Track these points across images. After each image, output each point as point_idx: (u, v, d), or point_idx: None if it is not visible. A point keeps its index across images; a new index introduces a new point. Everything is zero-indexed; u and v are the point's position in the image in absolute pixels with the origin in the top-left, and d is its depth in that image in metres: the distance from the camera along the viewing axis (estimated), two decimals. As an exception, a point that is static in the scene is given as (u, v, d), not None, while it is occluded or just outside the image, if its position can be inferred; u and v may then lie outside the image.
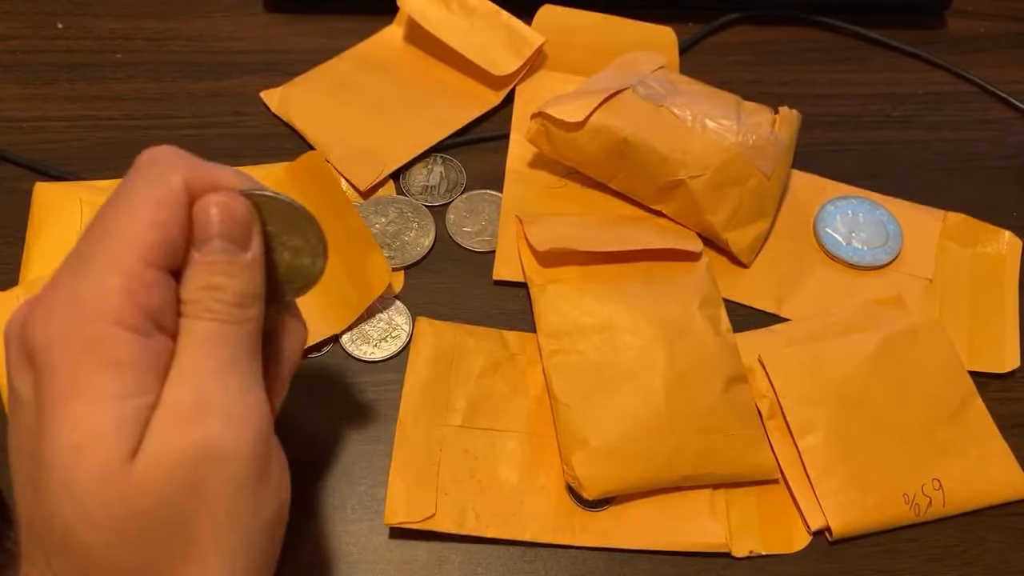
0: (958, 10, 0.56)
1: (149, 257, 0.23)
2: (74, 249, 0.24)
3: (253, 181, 0.26)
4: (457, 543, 0.34)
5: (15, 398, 0.23)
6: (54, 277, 0.23)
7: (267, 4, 0.53)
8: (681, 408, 0.35)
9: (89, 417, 0.21)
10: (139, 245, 0.23)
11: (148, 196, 0.23)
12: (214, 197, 0.24)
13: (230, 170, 0.25)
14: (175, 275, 0.24)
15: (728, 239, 0.41)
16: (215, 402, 0.23)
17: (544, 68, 0.49)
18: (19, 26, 0.51)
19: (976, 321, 0.41)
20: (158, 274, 0.23)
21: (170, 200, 0.23)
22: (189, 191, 0.24)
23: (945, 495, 0.35)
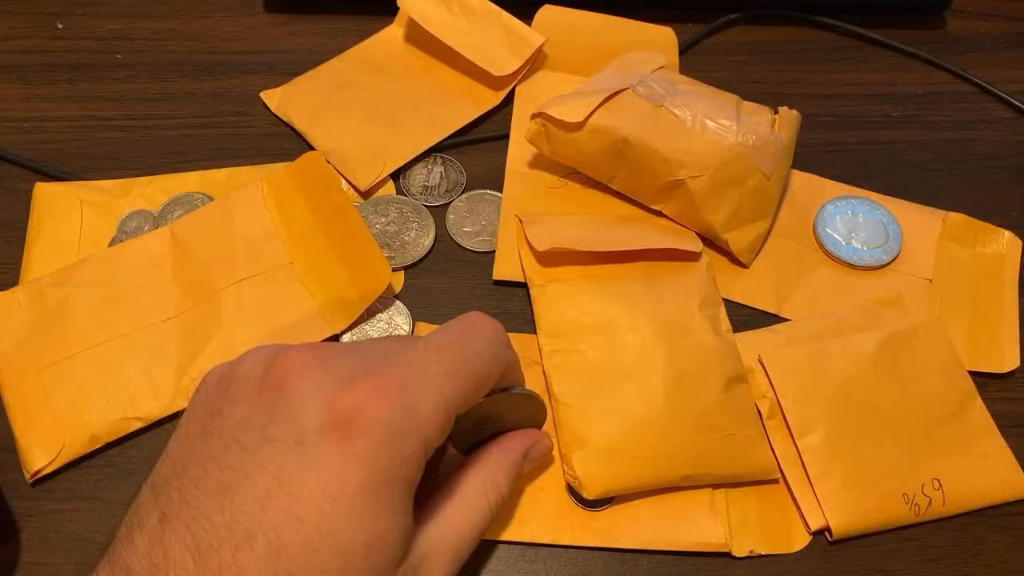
0: (958, 10, 0.56)
1: (460, 409, 0.27)
2: (396, 345, 0.28)
3: (520, 375, 0.32)
4: (457, 543, 0.34)
5: (298, 451, 0.24)
6: (380, 364, 0.26)
7: (267, 4, 0.53)
8: (681, 408, 0.35)
9: (386, 522, 0.24)
10: (464, 396, 0.27)
11: (485, 359, 0.28)
12: (546, 440, 0.34)
13: (518, 369, 0.31)
14: None
15: (728, 239, 0.41)
16: (456, 566, 0.28)
17: (544, 68, 0.49)
18: (19, 26, 0.51)
19: (976, 321, 0.41)
20: (452, 423, 0.27)
21: (493, 376, 0.29)
22: (503, 374, 0.30)
23: (945, 495, 0.35)
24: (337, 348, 0.27)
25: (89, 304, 0.38)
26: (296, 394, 0.25)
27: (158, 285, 0.39)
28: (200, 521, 0.23)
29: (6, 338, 0.37)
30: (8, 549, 0.33)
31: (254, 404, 0.25)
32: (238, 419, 0.25)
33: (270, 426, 0.24)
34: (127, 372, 0.36)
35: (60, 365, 0.36)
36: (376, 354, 0.27)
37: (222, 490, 0.24)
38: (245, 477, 0.24)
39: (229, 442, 0.25)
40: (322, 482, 0.23)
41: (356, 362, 0.26)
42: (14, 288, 0.39)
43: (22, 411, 0.35)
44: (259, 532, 0.23)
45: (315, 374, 0.25)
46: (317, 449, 0.24)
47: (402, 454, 0.25)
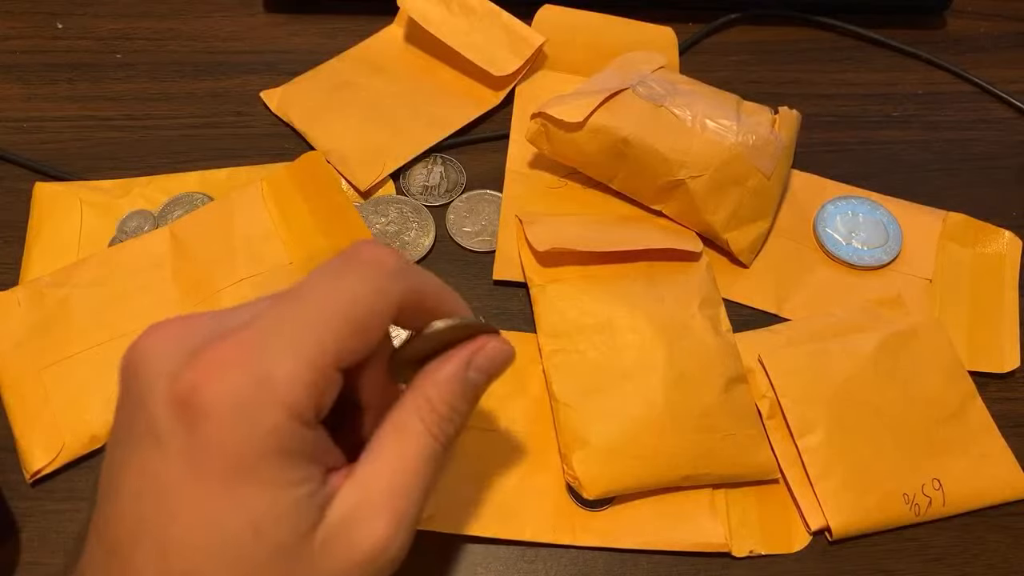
0: (958, 10, 0.56)
1: (342, 360, 0.23)
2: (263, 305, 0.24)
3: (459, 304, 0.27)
4: (457, 543, 0.34)
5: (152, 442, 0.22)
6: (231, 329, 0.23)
7: (267, 4, 0.53)
8: (681, 408, 0.35)
9: (266, 500, 0.22)
10: (337, 346, 0.23)
11: (361, 297, 0.24)
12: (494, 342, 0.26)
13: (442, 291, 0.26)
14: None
15: (728, 239, 0.41)
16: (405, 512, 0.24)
17: (544, 68, 0.49)
18: (19, 26, 0.51)
19: (976, 321, 0.41)
20: (339, 375, 0.23)
21: (382, 312, 0.24)
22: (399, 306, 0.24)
23: (945, 495, 0.35)
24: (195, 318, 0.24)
25: (89, 304, 0.38)
26: (145, 380, 0.23)
27: (158, 285, 0.39)
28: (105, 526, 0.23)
29: (6, 338, 0.37)
30: (8, 549, 0.33)
31: (122, 398, 0.24)
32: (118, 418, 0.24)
33: (133, 418, 0.23)
34: (127, 372, 0.36)
35: (60, 365, 0.36)
36: (234, 318, 0.24)
37: (112, 492, 0.23)
38: (123, 476, 0.23)
39: (113, 442, 0.24)
40: (182, 473, 0.22)
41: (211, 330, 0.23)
42: (14, 288, 0.38)
43: (22, 411, 0.35)
44: (143, 533, 0.22)
45: (160, 352, 0.23)
46: (169, 439, 0.22)
47: (261, 427, 0.22)
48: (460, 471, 0.35)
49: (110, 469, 0.23)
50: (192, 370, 0.22)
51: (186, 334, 0.23)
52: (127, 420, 0.23)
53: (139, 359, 0.23)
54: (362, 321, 0.23)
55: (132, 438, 0.23)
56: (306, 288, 0.24)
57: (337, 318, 0.23)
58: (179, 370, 0.22)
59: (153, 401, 0.22)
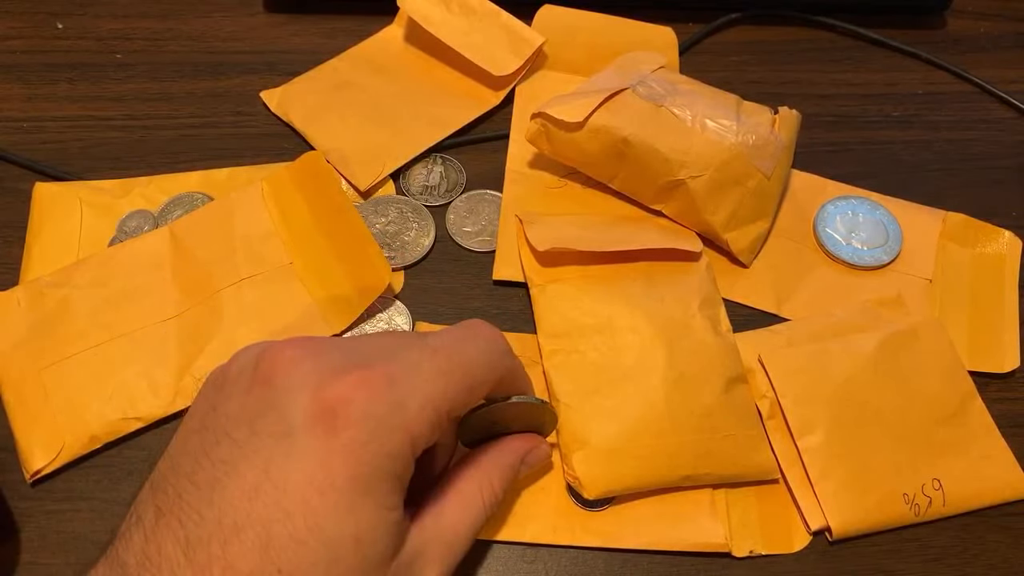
0: (958, 10, 0.56)
1: (454, 410, 0.27)
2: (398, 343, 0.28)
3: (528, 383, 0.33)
4: (457, 543, 0.34)
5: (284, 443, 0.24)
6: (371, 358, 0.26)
7: (267, 4, 0.53)
8: (681, 408, 0.35)
9: (374, 516, 0.24)
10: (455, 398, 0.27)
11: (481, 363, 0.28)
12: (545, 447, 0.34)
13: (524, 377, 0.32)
14: None
15: (728, 239, 0.41)
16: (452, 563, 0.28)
17: (544, 68, 0.49)
18: (19, 26, 0.51)
19: (976, 321, 0.41)
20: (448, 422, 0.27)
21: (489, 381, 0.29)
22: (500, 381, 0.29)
23: (945, 495, 0.35)
24: (328, 342, 0.27)
25: (89, 304, 0.38)
26: (284, 387, 0.25)
27: (158, 285, 0.39)
28: (191, 515, 0.23)
29: (6, 338, 0.37)
30: (8, 549, 0.33)
31: (244, 398, 0.25)
32: (229, 414, 0.25)
33: (259, 419, 0.25)
34: (127, 372, 0.36)
35: (60, 365, 0.36)
36: (367, 348, 0.27)
37: (212, 484, 0.24)
38: (234, 470, 0.24)
39: (221, 436, 0.25)
40: (308, 474, 0.23)
41: (346, 355, 0.26)
42: (14, 288, 0.38)
43: (22, 411, 0.35)
44: (247, 525, 0.23)
45: (303, 367, 0.25)
46: (303, 441, 0.24)
47: (389, 448, 0.25)
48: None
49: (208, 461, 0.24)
50: (341, 384, 0.25)
51: (322, 354, 0.26)
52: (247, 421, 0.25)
53: (273, 368, 0.25)
54: (474, 384, 0.28)
55: (254, 438, 0.24)
56: (438, 343, 0.28)
57: (459, 376, 0.27)
58: (324, 383, 0.25)
59: (294, 406, 0.24)
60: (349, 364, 0.26)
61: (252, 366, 0.26)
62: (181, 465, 0.25)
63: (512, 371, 0.30)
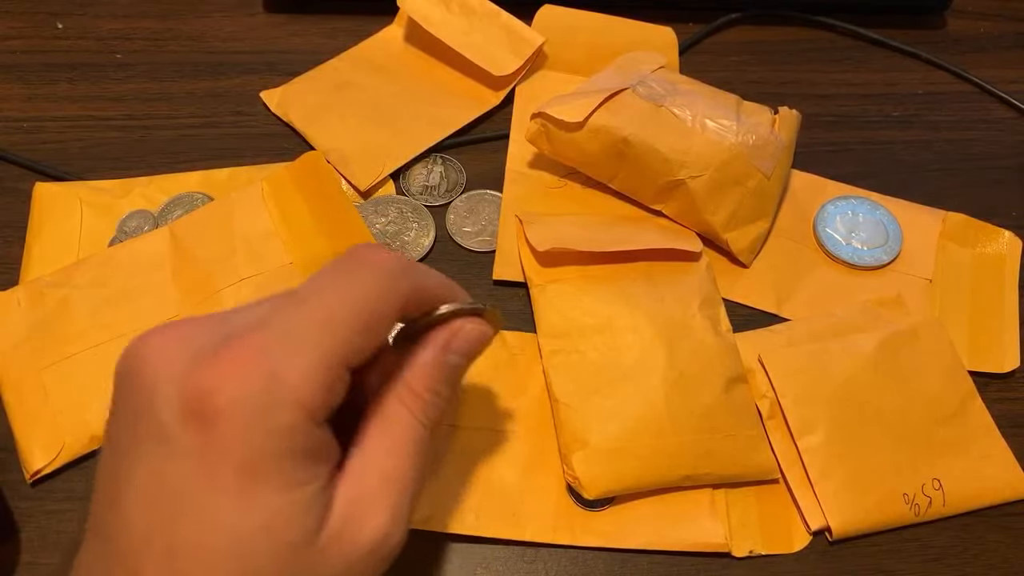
0: (958, 10, 0.56)
1: (351, 359, 0.24)
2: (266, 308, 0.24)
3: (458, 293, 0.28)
4: (457, 543, 0.34)
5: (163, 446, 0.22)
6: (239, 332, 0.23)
7: (267, 4, 0.53)
8: (681, 408, 0.35)
9: (277, 500, 0.22)
10: (347, 346, 0.23)
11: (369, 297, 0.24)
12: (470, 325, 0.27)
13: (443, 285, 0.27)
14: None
15: (728, 239, 0.41)
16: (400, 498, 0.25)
17: (544, 68, 0.49)
18: (19, 26, 0.51)
19: (976, 321, 0.41)
20: (348, 374, 0.24)
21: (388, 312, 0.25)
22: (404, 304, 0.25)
23: (945, 495, 0.35)
24: (198, 322, 0.25)
25: (89, 304, 0.38)
26: (151, 385, 0.23)
27: (158, 285, 0.39)
28: (107, 531, 0.23)
29: (6, 338, 0.37)
30: (8, 549, 0.33)
31: (122, 402, 0.23)
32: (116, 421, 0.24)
33: (136, 424, 0.23)
34: (127, 372, 0.36)
35: (60, 365, 0.36)
36: (238, 320, 0.24)
37: (115, 499, 0.23)
38: (128, 482, 0.22)
39: (114, 448, 0.24)
40: (194, 476, 0.22)
41: (214, 334, 0.23)
42: (14, 288, 0.38)
43: (22, 411, 0.35)
44: (152, 536, 0.22)
45: (168, 359, 0.23)
46: (180, 442, 0.22)
47: (275, 427, 0.22)
48: (460, 471, 0.35)
49: (109, 476, 0.23)
50: (204, 372, 0.22)
51: (188, 338, 0.23)
52: (128, 426, 0.23)
53: (140, 364, 0.23)
54: (369, 321, 0.24)
55: (137, 444, 0.23)
56: (312, 290, 0.24)
57: (345, 319, 0.24)
58: (188, 373, 0.22)
59: (161, 405, 0.22)
60: (216, 344, 0.23)
61: (124, 366, 0.24)
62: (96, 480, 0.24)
63: (423, 288, 0.26)
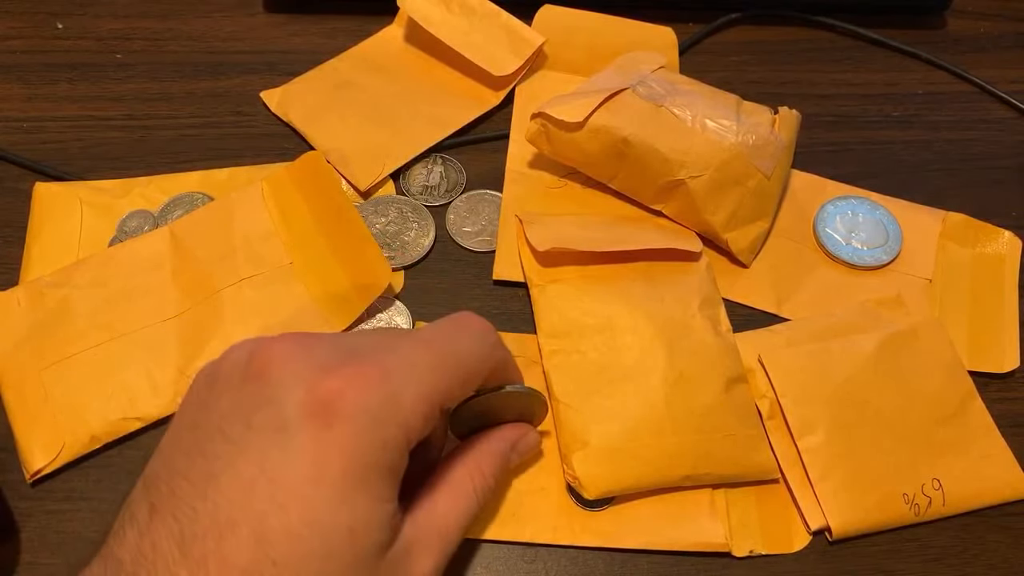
0: (958, 10, 0.56)
1: (446, 402, 0.27)
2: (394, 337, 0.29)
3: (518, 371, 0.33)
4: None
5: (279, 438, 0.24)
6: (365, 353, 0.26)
7: (267, 4, 0.53)
8: (681, 408, 0.35)
9: (368, 507, 0.24)
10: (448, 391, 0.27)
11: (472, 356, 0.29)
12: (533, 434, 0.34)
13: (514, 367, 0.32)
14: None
15: (728, 239, 0.41)
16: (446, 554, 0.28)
17: (544, 68, 0.49)
18: (19, 26, 0.51)
19: (976, 321, 0.41)
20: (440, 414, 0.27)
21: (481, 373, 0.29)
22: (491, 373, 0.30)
23: (945, 495, 0.35)
24: (320, 337, 0.27)
25: (89, 304, 0.38)
26: (277, 382, 0.25)
27: (158, 285, 0.39)
28: (185, 511, 0.23)
29: (6, 338, 0.37)
30: (8, 549, 0.33)
31: (237, 394, 0.25)
32: (222, 410, 0.25)
33: (252, 414, 0.25)
34: (127, 372, 0.36)
35: (60, 365, 0.36)
36: (360, 343, 0.27)
37: (206, 479, 0.24)
38: (229, 465, 0.24)
39: (214, 432, 0.25)
40: (303, 468, 0.24)
41: (338, 350, 0.26)
42: (14, 288, 0.38)
43: (22, 411, 0.35)
44: (242, 519, 0.23)
45: (297, 362, 0.25)
46: (298, 435, 0.24)
47: (383, 441, 0.25)
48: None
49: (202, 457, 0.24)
50: (334, 377, 0.25)
51: (313, 349, 0.26)
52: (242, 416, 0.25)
53: (266, 363, 0.25)
54: (467, 376, 0.28)
55: (250, 434, 0.24)
56: (430, 337, 0.28)
57: (452, 369, 0.27)
58: (318, 377, 0.25)
59: (286, 401, 0.24)
60: (342, 358, 0.26)
61: (244, 362, 0.26)
62: (174, 462, 0.25)
63: (502, 363, 0.31)
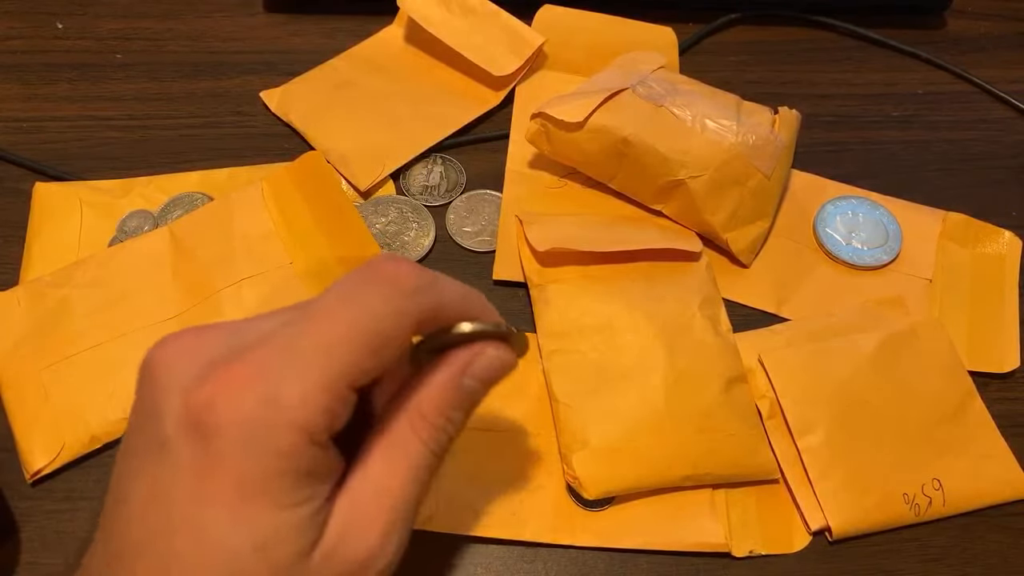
0: (958, 10, 0.56)
1: (356, 380, 0.23)
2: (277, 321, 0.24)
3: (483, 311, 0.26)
4: (457, 543, 0.34)
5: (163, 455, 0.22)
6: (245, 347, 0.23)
7: (267, 4, 0.53)
8: (681, 408, 0.35)
9: (272, 520, 0.22)
10: (352, 368, 0.22)
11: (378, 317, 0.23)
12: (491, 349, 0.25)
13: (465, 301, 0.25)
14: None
15: (728, 239, 0.41)
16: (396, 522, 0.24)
17: (544, 68, 0.49)
18: (19, 26, 0.51)
19: (976, 321, 0.41)
20: (353, 394, 0.23)
21: (398, 334, 0.23)
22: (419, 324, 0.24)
23: (945, 495, 0.35)
24: (217, 329, 0.24)
25: (89, 304, 0.38)
26: (160, 388, 0.23)
27: (158, 285, 0.39)
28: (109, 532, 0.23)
29: (6, 338, 0.37)
30: (8, 549, 0.33)
31: (138, 403, 0.24)
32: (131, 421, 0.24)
33: (145, 426, 0.23)
34: (127, 372, 0.36)
35: (60, 365, 0.36)
36: (249, 333, 0.24)
37: (119, 499, 0.23)
38: (131, 484, 0.23)
39: (124, 447, 0.24)
40: (189, 488, 0.22)
41: (229, 345, 0.23)
42: (14, 288, 0.38)
43: (22, 411, 0.35)
44: (147, 545, 0.22)
45: (181, 363, 0.23)
46: (179, 453, 0.22)
47: (271, 448, 0.22)
48: (460, 471, 0.35)
49: (121, 476, 0.23)
50: (205, 387, 0.22)
51: (202, 347, 0.23)
52: (140, 429, 0.23)
53: (154, 369, 0.23)
54: (378, 342, 0.23)
55: (144, 448, 0.23)
56: (320, 307, 0.23)
57: (352, 339, 0.22)
58: (193, 386, 0.22)
59: (165, 413, 0.22)
60: (222, 357, 0.23)
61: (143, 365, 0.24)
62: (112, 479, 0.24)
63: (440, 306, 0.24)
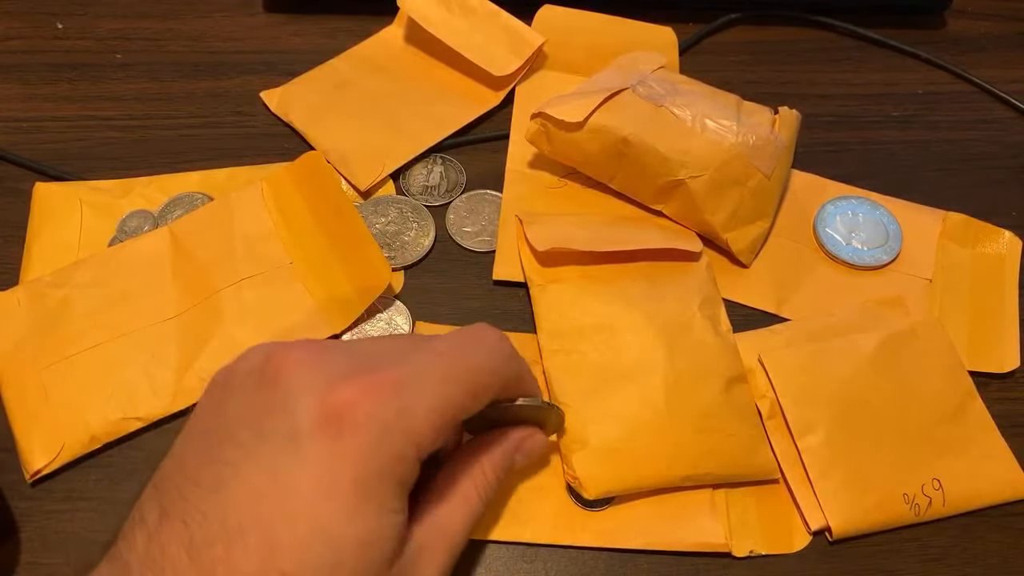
0: (958, 10, 0.56)
1: (459, 415, 0.27)
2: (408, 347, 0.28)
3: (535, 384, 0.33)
4: (457, 543, 0.34)
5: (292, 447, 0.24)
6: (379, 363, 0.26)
7: (267, 4, 0.53)
8: (681, 408, 0.35)
9: (378, 520, 0.25)
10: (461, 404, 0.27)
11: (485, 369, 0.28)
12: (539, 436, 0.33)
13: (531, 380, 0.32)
14: None
15: (728, 239, 0.41)
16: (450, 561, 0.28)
17: (544, 68, 0.49)
18: (19, 26, 0.51)
19: (976, 321, 0.41)
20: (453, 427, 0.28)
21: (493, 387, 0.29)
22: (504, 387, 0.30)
23: (945, 495, 0.35)
24: (335, 345, 0.28)
25: (89, 304, 0.38)
26: (291, 389, 0.25)
27: (158, 285, 0.39)
28: (195, 516, 0.23)
29: (6, 338, 0.37)
30: (8, 549, 0.33)
31: (250, 400, 0.25)
32: (234, 415, 0.25)
33: (265, 421, 0.25)
34: (127, 372, 0.36)
35: (60, 365, 0.36)
36: (374, 352, 0.27)
37: (217, 485, 0.24)
38: (239, 472, 0.24)
39: (225, 438, 0.25)
40: (314, 478, 0.24)
41: (352, 359, 0.26)
42: (14, 288, 0.39)
43: (22, 411, 0.35)
44: (252, 528, 0.23)
45: (311, 370, 0.25)
46: (309, 445, 0.24)
47: (394, 452, 0.25)
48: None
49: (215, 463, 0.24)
50: (348, 388, 0.25)
51: (329, 359, 0.26)
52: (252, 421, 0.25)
53: (280, 369, 0.26)
54: (479, 390, 0.28)
55: (260, 440, 0.24)
56: (446, 347, 0.28)
57: (465, 381, 0.27)
58: (331, 387, 0.25)
59: (298, 409, 0.24)
60: (356, 368, 0.26)
61: (259, 367, 0.26)
62: (186, 466, 0.25)
63: (517, 374, 0.31)
